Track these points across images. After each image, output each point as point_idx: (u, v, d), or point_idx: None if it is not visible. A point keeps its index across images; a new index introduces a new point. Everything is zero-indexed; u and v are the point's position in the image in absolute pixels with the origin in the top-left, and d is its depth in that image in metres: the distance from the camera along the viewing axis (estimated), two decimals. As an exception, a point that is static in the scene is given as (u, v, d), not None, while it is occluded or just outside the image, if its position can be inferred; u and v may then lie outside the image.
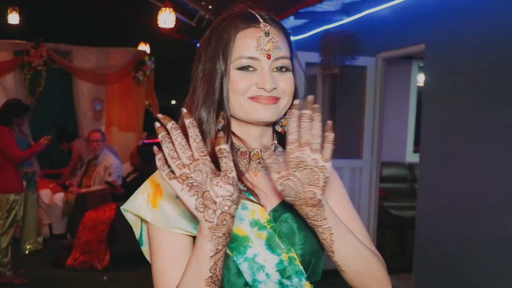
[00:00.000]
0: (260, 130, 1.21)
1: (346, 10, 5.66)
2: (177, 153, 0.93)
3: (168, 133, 0.93)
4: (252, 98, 1.14)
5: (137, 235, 1.22)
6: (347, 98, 6.07)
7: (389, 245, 5.72)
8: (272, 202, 1.18)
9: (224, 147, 0.93)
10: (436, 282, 4.46)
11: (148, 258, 1.19)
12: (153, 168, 1.17)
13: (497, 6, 3.87)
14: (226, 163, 0.93)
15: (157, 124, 0.93)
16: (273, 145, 1.25)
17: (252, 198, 1.15)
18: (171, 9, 6.44)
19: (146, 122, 8.47)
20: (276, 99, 1.15)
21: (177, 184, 0.91)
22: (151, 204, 1.12)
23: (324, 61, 5.21)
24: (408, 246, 5.30)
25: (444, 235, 4.37)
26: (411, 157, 6.92)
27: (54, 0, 8.57)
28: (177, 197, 1.10)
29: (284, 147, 1.26)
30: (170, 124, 0.92)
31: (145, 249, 1.21)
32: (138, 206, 1.14)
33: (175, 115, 1.24)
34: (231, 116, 1.19)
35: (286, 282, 1.12)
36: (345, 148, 5.99)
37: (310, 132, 1.02)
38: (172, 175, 0.92)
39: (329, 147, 1.03)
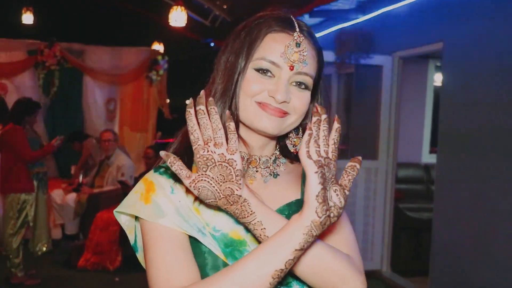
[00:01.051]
0: (262, 141, 1.17)
1: (362, 8, 5.60)
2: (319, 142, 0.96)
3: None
4: (259, 103, 1.08)
5: (132, 241, 1.18)
6: (363, 97, 6.00)
7: (405, 247, 5.63)
8: (270, 207, 1.10)
9: (359, 166, 0.98)
10: (453, 286, 4.37)
11: (143, 264, 1.13)
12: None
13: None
14: (350, 180, 0.98)
15: (315, 109, 0.99)
16: (273, 155, 1.20)
17: None
18: (183, 8, 6.39)
19: (159, 122, 8.44)
20: (284, 114, 1.09)
21: (314, 165, 0.93)
22: (143, 201, 1.07)
23: (339, 60, 5.14)
24: (424, 249, 5.21)
25: (462, 238, 4.28)
26: (427, 158, 6.84)
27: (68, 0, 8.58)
28: (172, 192, 1.07)
29: (287, 157, 1.24)
30: (325, 116, 0.97)
31: (140, 256, 1.16)
32: (131, 204, 1.09)
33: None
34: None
35: None
36: (361, 148, 5.91)
37: (210, 127, 0.96)
38: (310, 156, 0.94)
39: (233, 137, 0.96)
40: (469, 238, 4.20)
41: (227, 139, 0.96)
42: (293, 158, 1.23)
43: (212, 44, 8.99)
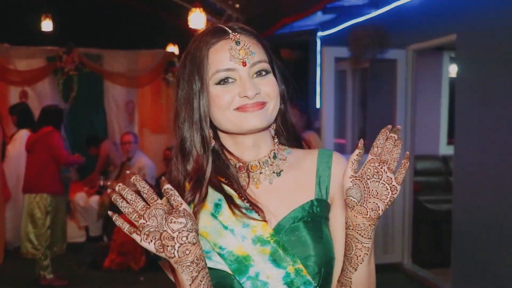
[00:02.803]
0: (252, 139, 1.21)
1: (375, 2, 5.61)
2: (133, 208, 1.02)
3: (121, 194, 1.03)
4: (238, 108, 1.15)
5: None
6: (378, 92, 6.04)
7: (425, 239, 5.66)
8: (276, 214, 1.18)
9: (167, 187, 1.02)
10: (475, 276, 4.40)
11: (165, 271, 1.24)
12: None
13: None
14: (175, 200, 1.03)
15: (109, 190, 1.04)
16: (272, 152, 1.24)
17: (254, 215, 1.16)
18: (201, 9, 6.46)
19: (177, 123, 8.52)
20: (263, 104, 1.16)
21: (137, 236, 1.02)
22: None
23: (354, 56, 5.18)
24: (445, 240, 5.23)
25: (482, 228, 4.30)
26: (445, 150, 6.83)
27: (84, 6, 8.69)
28: None
29: (291, 145, 1.29)
30: (117, 187, 1.03)
31: (162, 263, 1.22)
32: None
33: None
34: (222, 131, 1.21)
35: None
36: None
37: (391, 154, 1.06)
38: (132, 229, 1.02)
39: (403, 173, 1.06)
40: (490, 228, 4.22)
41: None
42: (295, 144, 1.30)
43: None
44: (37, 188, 5.02)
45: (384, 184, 1.05)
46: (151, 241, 1.00)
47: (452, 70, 6.74)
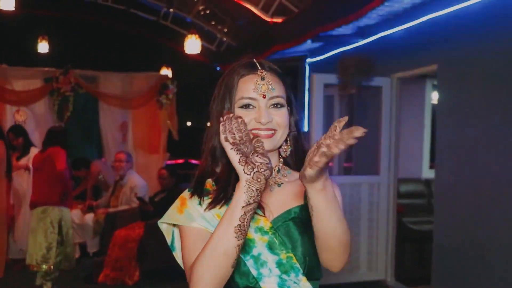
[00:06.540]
0: None
1: (361, 33, 5.89)
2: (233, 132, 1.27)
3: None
4: (252, 129, 1.42)
5: (169, 242, 1.53)
6: (364, 117, 6.27)
7: (408, 258, 5.89)
8: (273, 212, 1.46)
9: (262, 141, 1.31)
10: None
11: (179, 261, 1.50)
12: (181, 189, 1.47)
13: (506, 26, 4.08)
14: (263, 149, 1.27)
15: (224, 116, 1.29)
16: (277, 167, 1.53)
17: (258, 211, 1.43)
18: (197, 36, 6.72)
19: (169, 143, 8.70)
20: (273, 132, 1.44)
21: (228, 145, 1.25)
22: (179, 212, 1.44)
23: (341, 83, 5.43)
24: (427, 258, 5.45)
25: (461, 247, 4.53)
26: (428, 173, 7.05)
27: (81, 29, 8.93)
28: (199, 204, 1.43)
29: (292, 168, 1.57)
30: (231, 115, 1.30)
31: (176, 254, 1.52)
32: (172, 216, 1.46)
33: (191, 134, 1.55)
34: None
35: (285, 277, 1.40)
36: (363, 165, 6.18)
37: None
38: (226, 138, 1.25)
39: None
40: (468, 247, 4.44)
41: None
42: (295, 168, 1.55)
43: (218, 68, 9.31)
44: (46, 203, 5.17)
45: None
46: (238, 154, 1.23)
47: (435, 96, 6.92)
